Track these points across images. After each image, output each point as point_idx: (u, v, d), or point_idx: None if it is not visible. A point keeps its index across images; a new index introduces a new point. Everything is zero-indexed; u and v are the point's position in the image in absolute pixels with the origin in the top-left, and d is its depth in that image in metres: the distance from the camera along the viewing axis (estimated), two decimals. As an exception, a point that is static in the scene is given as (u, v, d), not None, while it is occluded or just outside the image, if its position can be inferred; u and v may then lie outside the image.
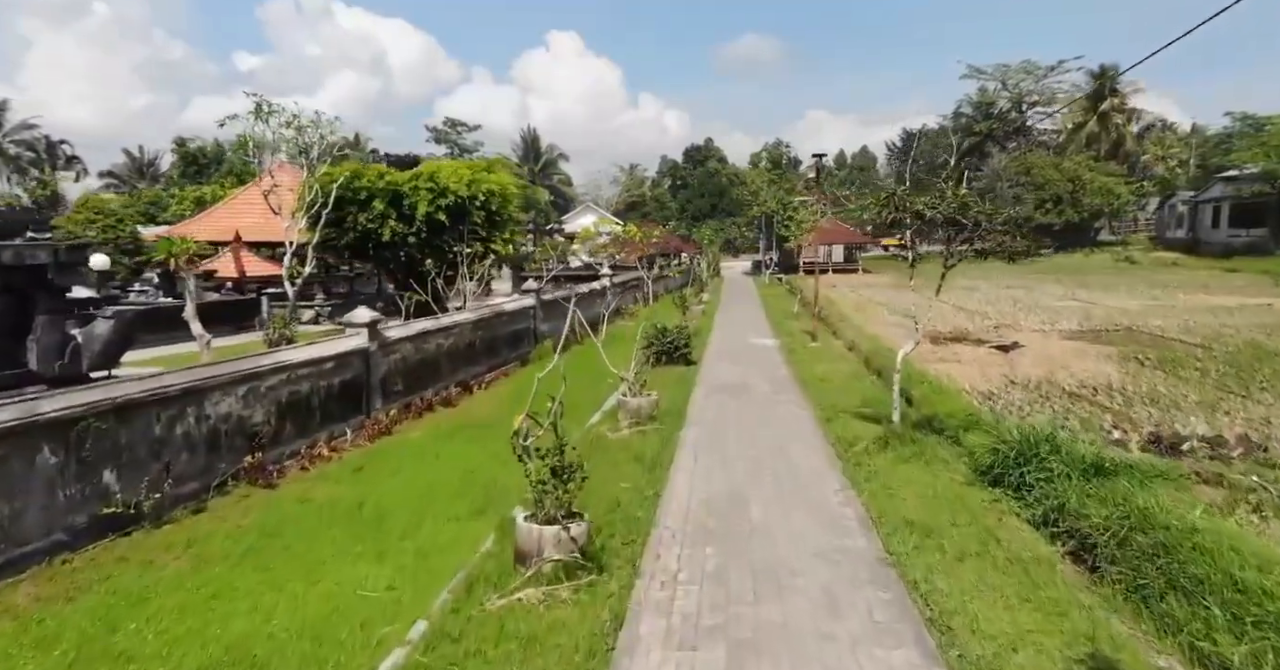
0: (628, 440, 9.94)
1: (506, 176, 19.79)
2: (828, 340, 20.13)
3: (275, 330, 14.53)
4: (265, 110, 14.58)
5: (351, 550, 6.90)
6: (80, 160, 65.66)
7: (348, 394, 11.22)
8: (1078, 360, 15.47)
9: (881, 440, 9.30)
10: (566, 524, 5.68)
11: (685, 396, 12.87)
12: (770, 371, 15.53)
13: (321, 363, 10.59)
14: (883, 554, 6.15)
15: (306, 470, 9.68)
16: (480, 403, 14.26)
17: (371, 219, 16.64)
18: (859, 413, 11.43)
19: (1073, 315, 23.25)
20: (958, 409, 11.27)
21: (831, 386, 13.62)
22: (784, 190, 58.54)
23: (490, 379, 16.12)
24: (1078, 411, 11.31)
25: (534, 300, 19.63)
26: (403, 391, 12.74)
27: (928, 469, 8.51)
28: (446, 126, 64.98)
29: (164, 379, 8.05)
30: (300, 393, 10.11)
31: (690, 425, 10.83)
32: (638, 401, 10.93)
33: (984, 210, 8.46)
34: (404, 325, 13.39)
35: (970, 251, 8.85)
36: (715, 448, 9.56)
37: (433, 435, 11.69)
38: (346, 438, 10.85)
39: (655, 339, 16.49)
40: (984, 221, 8.51)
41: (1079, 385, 13.29)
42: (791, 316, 26.42)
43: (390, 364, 12.42)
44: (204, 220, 26.39)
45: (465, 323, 15.23)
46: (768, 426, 10.69)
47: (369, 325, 11.75)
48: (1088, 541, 6.15)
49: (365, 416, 11.65)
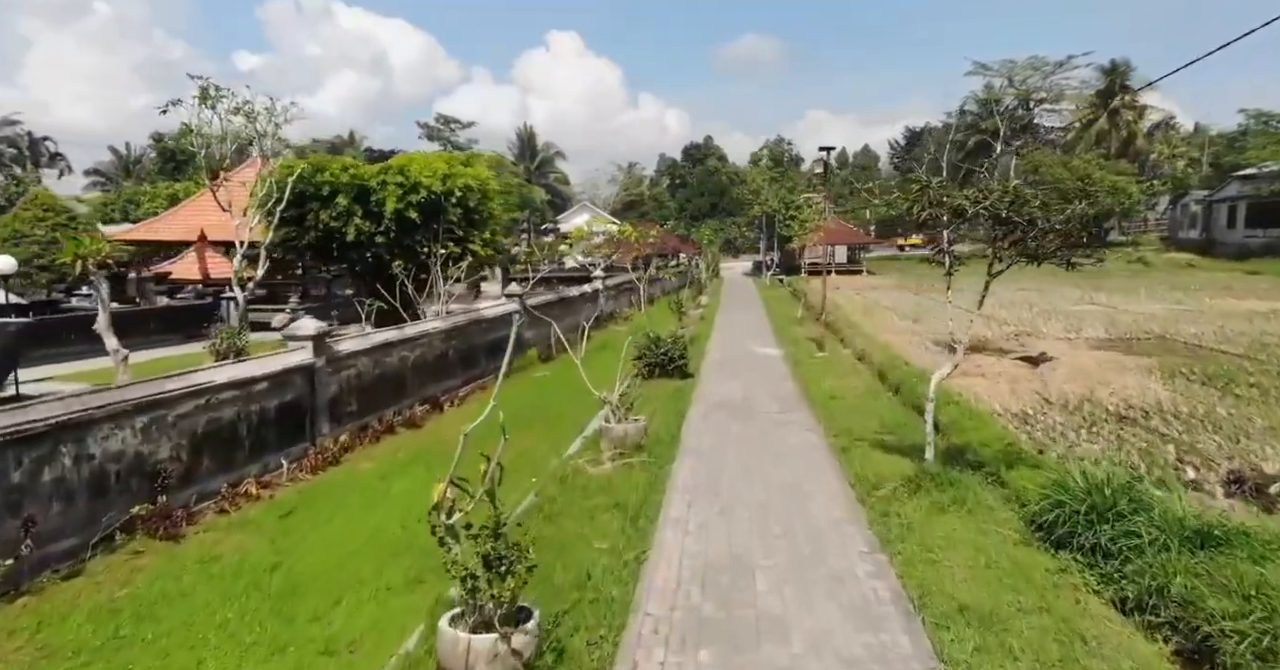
0: (609, 478, 8.39)
1: (485, 170, 18.21)
2: (835, 349, 18.59)
3: (223, 341, 12.96)
4: (211, 95, 13.05)
5: (243, 640, 5.36)
6: (64, 157, 64.17)
7: (287, 419, 9.67)
8: (1116, 375, 13.92)
9: (911, 481, 7.75)
10: (506, 631, 4.14)
11: (679, 417, 11.33)
12: (775, 386, 13.98)
13: (251, 384, 9.04)
14: (934, 664, 4.60)
15: (226, 513, 8.14)
16: (450, 423, 12.70)
17: (335, 216, 15.05)
18: (879, 440, 9.89)
19: (1096, 321, 21.70)
20: (992, 436, 9.75)
21: (844, 405, 12.08)
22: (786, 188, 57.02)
23: (465, 393, 14.59)
24: (1132, 440, 9.76)
25: (517, 305, 18.09)
26: (357, 413, 11.19)
27: (971, 520, 6.97)
28: (439, 123, 63.35)
29: (29, 412, 6.50)
30: (222, 421, 8.56)
31: (684, 455, 9.29)
32: (623, 428, 9.38)
33: (1040, 205, 6.91)
34: (361, 337, 11.84)
35: (1018, 256, 7.29)
36: (713, 489, 8.01)
37: (387, 464, 10.15)
38: (283, 471, 9.30)
39: (648, 350, 14.95)
40: (1040, 220, 6.96)
41: (1125, 406, 11.74)
42: (795, 322, 24.88)
43: (341, 382, 10.87)
44: (170, 218, 24.86)
45: (435, 332, 13.68)
46: (774, 458, 9.15)
47: (314, 338, 10.21)
48: (1206, 643, 4.62)
49: (309, 444, 10.11)
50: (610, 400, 9.56)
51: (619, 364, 10.75)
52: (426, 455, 10.42)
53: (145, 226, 26.14)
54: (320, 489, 9.11)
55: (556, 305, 21.75)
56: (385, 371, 12.07)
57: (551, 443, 10.95)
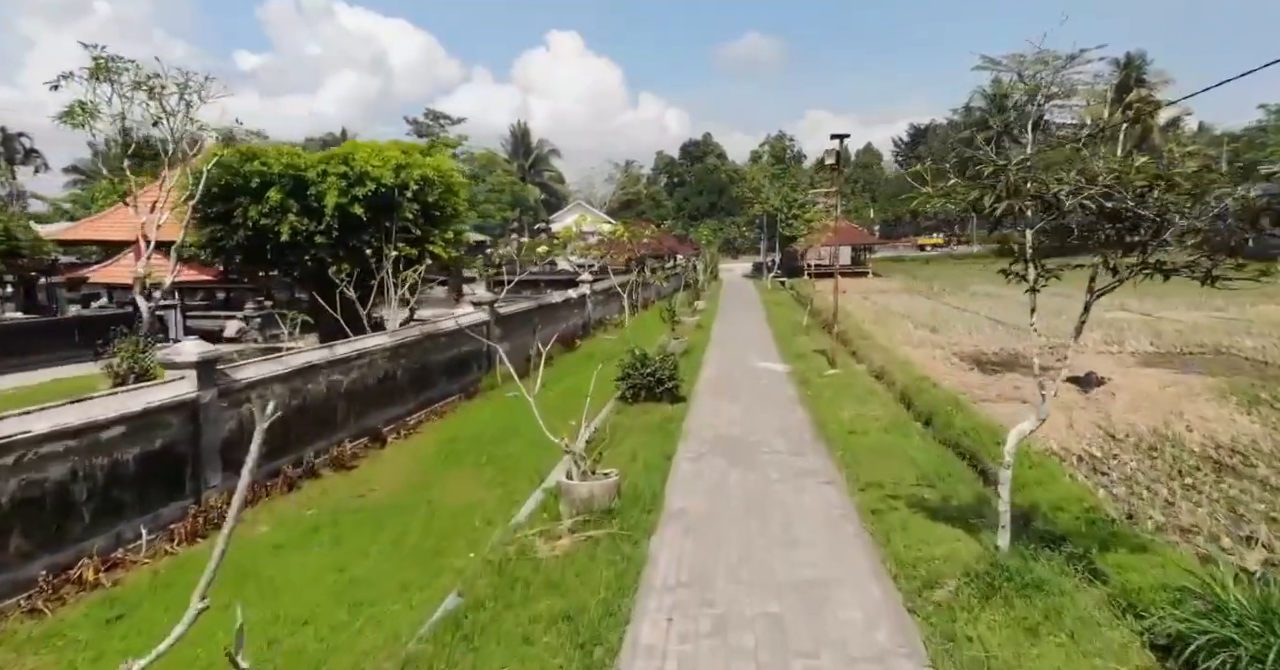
0: (564, 563, 6.19)
1: (448, 160, 16.01)
2: (848, 364, 16.38)
3: (123, 361, 10.76)
4: (107, 67, 10.85)
5: None
6: (39, 154, 61.86)
7: (155, 472, 7.49)
8: (1187, 402, 11.74)
9: (979, 579, 5.57)
10: None
11: (665, 462, 9.14)
12: (782, 416, 11.79)
13: (96, 431, 6.84)
14: None
15: (38, 616, 5.96)
16: (390, 462, 10.55)
17: (266, 213, 12.82)
18: (918, 497, 7.72)
19: (1138, 332, 19.49)
20: (1066, 494, 7.60)
21: (868, 444, 9.88)
22: (788, 186, 54.79)
23: (417, 422, 12.42)
24: (1246, 499, 7.59)
25: (487, 315, 15.90)
26: (265, 455, 8.98)
27: (1076, 649, 4.80)
28: (428, 119, 60.99)
29: None
30: (46, 484, 6.37)
31: (667, 526, 7.09)
32: (588, 488, 7.19)
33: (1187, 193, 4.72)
34: (274, 359, 9.65)
35: (1141, 268, 5.11)
36: (703, 587, 5.82)
37: (290, 527, 7.98)
38: (140, 544, 7.11)
39: (633, 369, 12.75)
40: (1178, 216, 4.78)
41: (1212, 444, 9.57)
42: (801, 330, 22.65)
43: (243, 418, 8.69)
44: (113, 216, 22.58)
45: (377, 350, 11.49)
46: (786, 531, 6.96)
47: (198, 365, 8.01)
48: None
49: (191, 502, 7.92)
50: (573, 450, 7.36)
51: (592, 393, 8.59)
52: (342, 515, 8.26)
53: (87, 225, 23.94)
54: (189, 567, 6.92)
55: (536, 313, 19.58)
56: (308, 401, 9.89)
57: (505, 493, 8.80)
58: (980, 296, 32.56)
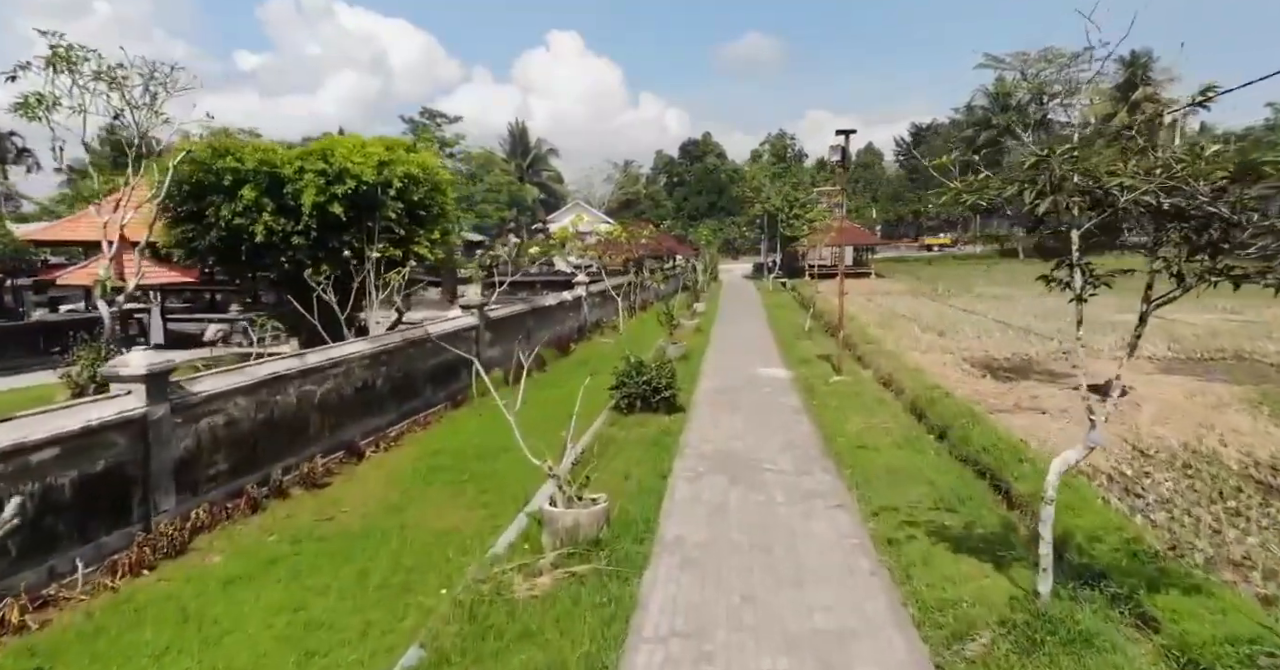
0: (543, 606, 5.48)
1: (434, 157, 15.27)
2: (854, 370, 15.69)
3: (83, 370, 10.06)
4: (65, 57, 10.15)
5: None
6: (32, 153, 60.95)
7: (99, 496, 6.79)
8: (1217, 413, 11.04)
9: (1017, 629, 4.87)
10: None
11: (659, 482, 8.44)
12: (787, 428, 11.09)
13: (23, 454, 6.14)
14: None
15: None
16: (365, 480, 9.81)
17: (239, 212, 12.10)
18: (938, 524, 7.03)
19: (1154, 336, 18.77)
20: (1101, 522, 6.91)
21: (880, 461, 9.18)
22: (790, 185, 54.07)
23: (398, 433, 11.70)
24: (1299, 527, 6.89)
25: (476, 319, 15.19)
26: (225, 474, 8.31)
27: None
28: (424, 118, 60.15)
29: None
30: (-40, 516, 5.64)
31: (661, 560, 6.39)
32: (573, 515, 6.49)
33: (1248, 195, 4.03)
34: (237, 370, 8.93)
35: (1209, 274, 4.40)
36: (700, 638, 5.11)
37: (248, 556, 7.25)
38: (77, 578, 6.40)
39: (628, 377, 12.05)
40: (1256, 214, 4.08)
41: (1251, 461, 8.87)
42: (804, 334, 21.94)
43: (200, 435, 7.99)
44: (87, 216, 21.93)
45: (354, 357, 10.79)
46: (794, 565, 6.25)
47: (147, 378, 7.30)
48: None
49: (140, 527, 7.21)
50: (557, 474, 6.65)
51: (578, 411, 7.88)
52: (306, 542, 7.54)
53: (64, 225, 23.22)
54: (129, 606, 6.21)
55: (529, 316, 18.88)
56: (275, 414, 9.17)
57: (487, 516, 8.09)
58: (986, 298, 31.82)
